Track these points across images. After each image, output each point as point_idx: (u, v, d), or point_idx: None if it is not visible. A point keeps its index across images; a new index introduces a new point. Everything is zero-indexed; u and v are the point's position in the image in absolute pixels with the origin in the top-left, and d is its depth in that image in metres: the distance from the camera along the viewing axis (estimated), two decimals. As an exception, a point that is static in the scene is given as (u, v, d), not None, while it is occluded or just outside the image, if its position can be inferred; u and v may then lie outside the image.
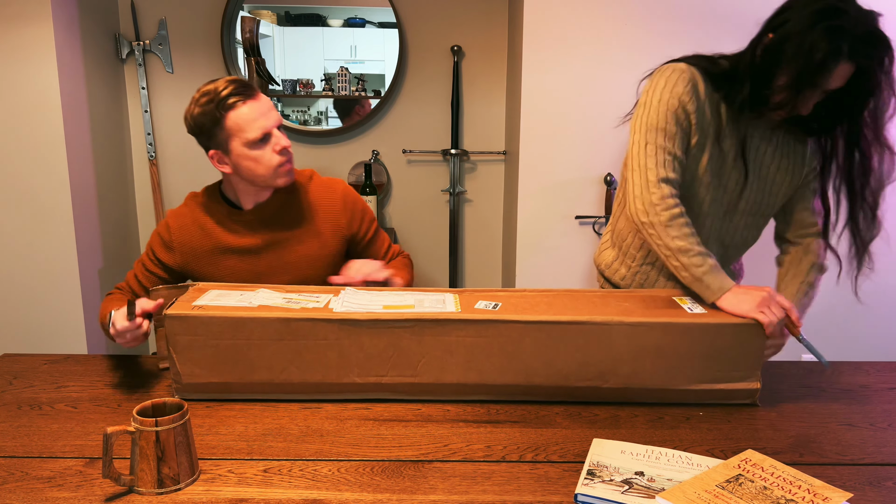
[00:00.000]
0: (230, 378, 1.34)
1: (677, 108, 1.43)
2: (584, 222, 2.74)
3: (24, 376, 1.49)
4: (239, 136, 1.50)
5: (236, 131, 1.50)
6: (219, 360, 1.33)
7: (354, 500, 1.04)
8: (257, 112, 1.51)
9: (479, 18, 3.11)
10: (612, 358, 1.33)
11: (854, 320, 2.83)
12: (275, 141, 1.53)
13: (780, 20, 1.36)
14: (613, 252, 1.73)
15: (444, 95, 3.19)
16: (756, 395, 1.38)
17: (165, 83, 3.13)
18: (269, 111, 1.53)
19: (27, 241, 2.62)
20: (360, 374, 1.34)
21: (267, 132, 1.52)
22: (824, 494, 1.03)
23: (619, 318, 1.32)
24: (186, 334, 1.31)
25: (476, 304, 1.39)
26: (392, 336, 1.32)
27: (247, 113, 1.50)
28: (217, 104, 1.48)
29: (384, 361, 1.34)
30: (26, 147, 2.55)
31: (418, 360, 1.34)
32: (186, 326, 1.31)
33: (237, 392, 1.36)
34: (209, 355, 1.32)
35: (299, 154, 3.23)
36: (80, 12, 2.69)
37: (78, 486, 1.07)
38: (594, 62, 2.61)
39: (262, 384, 1.34)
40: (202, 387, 1.35)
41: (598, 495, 1.03)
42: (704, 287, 1.40)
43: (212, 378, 1.34)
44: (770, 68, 1.36)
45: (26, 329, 2.68)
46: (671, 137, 1.44)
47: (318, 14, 3.19)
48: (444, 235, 3.34)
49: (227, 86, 1.50)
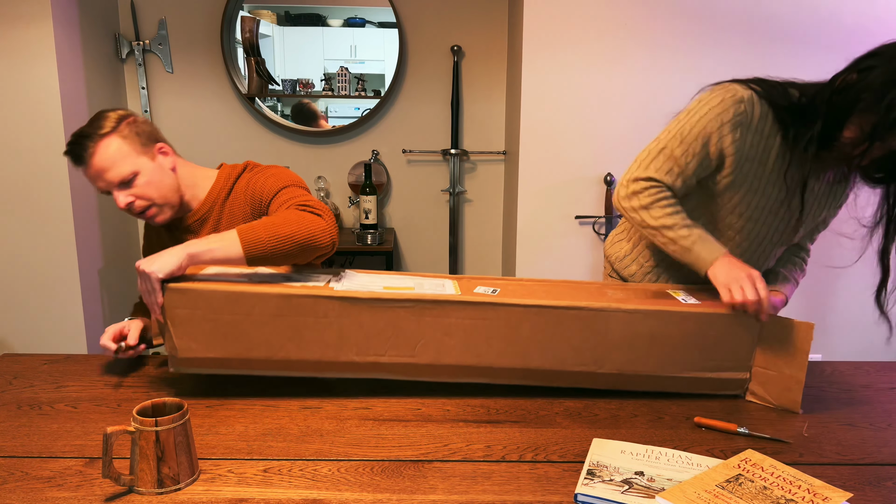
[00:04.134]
0: (227, 354, 1.32)
1: (712, 134, 1.40)
2: (584, 222, 2.74)
3: (24, 376, 1.49)
4: None
5: None
6: (217, 334, 1.31)
7: (354, 500, 1.04)
8: (90, 176, 1.48)
9: (479, 18, 3.11)
10: (607, 344, 1.35)
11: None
12: (117, 200, 1.49)
13: (866, 65, 1.28)
14: (627, 246, 1.72)
15: (444, 95, 3.19)
16: (745, 386, 1.39)
17: (165, 83, 3.13)
18: (101, 175, 1.47)
19: (27, 242, 2.62)
20: (359, 353, 1.34)
21: (105, 191, 1.50)
22: (824, 494, 1.03)
23: (616, 305, 1.34)
24: (185, 308, 1.29)
25: (475, 289, 1.41)
26: (392, 316, 1.33)
27: (85, 175, 1.49)
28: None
29: (383, 341, 1.34)
30: (26, 147, 2.55)
31: (417, 340, 1.34)
32: (186, 300, 1.29)
33: (234, 368, 1.34)
34: (207, 330, 1.31)
35: (300, 154, 3.23)
36: (80, 12, 2.69)
37: (78, 486, 1.07)
38: (594, 62, 2.61)
39: (260, 360, 1.33)
40: (199, 362, 1.33)
41: (598, 495, 1.03)
42: (695, 257, 1.41)
43: (209, 353, 1.32)
44: (845, 111, 1.30)
45: (26, 329, 2.68)
46: (689, 155, 1.43)
47: (318, 14, 3.19)
48: (444, 235, 3.34)
49: (68, 143, 1.48)
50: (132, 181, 1.48)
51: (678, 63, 2.61)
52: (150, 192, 1.50)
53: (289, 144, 3.23)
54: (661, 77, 2.61)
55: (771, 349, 1.35)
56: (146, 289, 1.28)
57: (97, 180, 1.48)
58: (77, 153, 1.46)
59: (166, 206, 1.54)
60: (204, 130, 3.18)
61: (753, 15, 2.57)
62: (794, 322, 1.32)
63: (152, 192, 1.50)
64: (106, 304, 2.91)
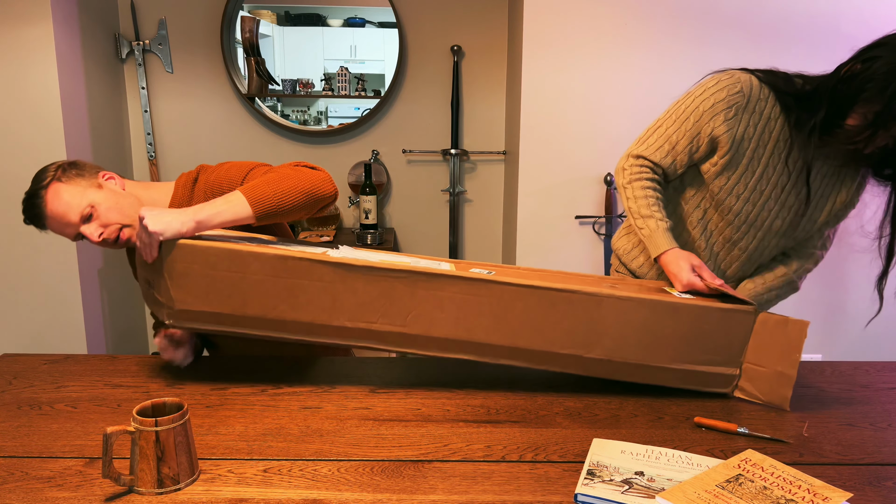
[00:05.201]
0: (222, 309, 1.33)
1: (704, 113, 1.46)
2: (583, 222, 2.74)
3: (24, 376, 1.49)
4: None
5: None
6: (213, 290, 1.32)
7: (354, 500, 1.04)
8: (56, 229, 1.48)
9: (479, 18, 3.11)
10: (598, 329, 1.36)
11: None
12: (90, 237, 1.48)
13: (872, 55, 1.30)
14: (633, 240, 1.74)
15: (444, 95, 3.19)
16: (733, 383, 1.39)
17: (165, 83, 3.13)
18: (62, 221, 1.46)
19: (27, 241, 2.62)
20: (351, 318, 1.35)
21: (76, 235, 1.49)
22: (824, 494, 1.03)
23: (609, 292, 1.35)
24: (183, 261, 1.30)
25: (471, 270, 1.42)
26: (386, 285, 1.33)
27: (51, 230, 1.50)
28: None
29: (375, 310, 1.34)
30: (26, 147, 2.55)
31: (409, 311, 1.35)
32: (184, 254, 1.30)
33: (228, 325, 1.35)
34: (204, 285, 1.31)
35: (300, 154, 3.23)
36: (80, 12, 2.69)
37: (78, 486, 1.07)
38: (594, 62, 2.61)
39: (254, 319, 1.34)
40: (194, 315, 1.33)
41: (598, 495, 1.03)
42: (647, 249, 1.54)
43: (204, 307, 1.33)
44: (849, 99, 1.32)
45: (26, 329, 2.68)
46: (681, 133, 1.50)
47: (318, 14, 3.19)
48: (444, 235, 3.34)
49: (23, 212, 1.48)
50: (92, 215, 1.48)
51: (678, 63, 2.61)
52: (114, 217, 1.48)
53: (289, 144, 3.23)
54: (662, 77, 2.61)
55: (763, 346, 1.35)
56: (145, 241, 1.29)
57: (64, 228, 1.47)
58: (34, 213, 1.46)
59: (135, 223, 1.52)
60: (204, 130, 3.18)
61: (755, 15, 2.57)
62: (788, 319, 1.32)
63: (115, 216, 1.49)
64: (106, 304, 2.91)
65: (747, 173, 1.48)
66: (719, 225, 1.57)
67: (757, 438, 1.25)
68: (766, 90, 1.44)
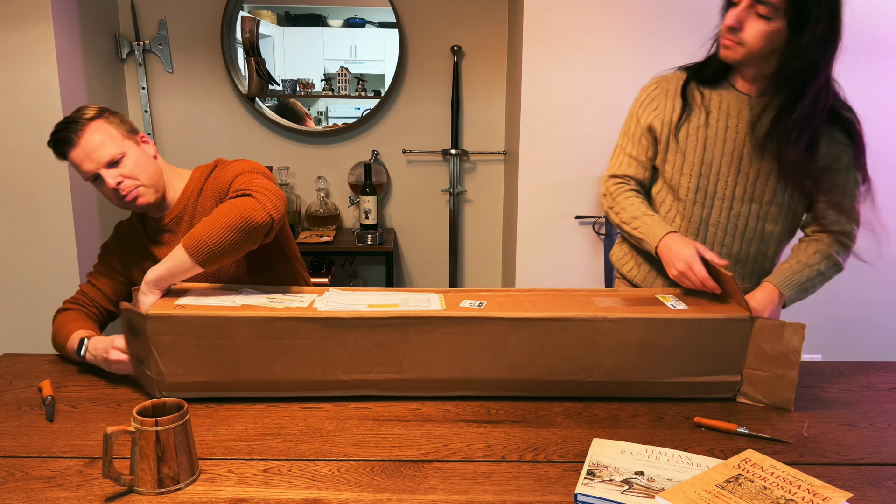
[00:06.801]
0: (214, 377, 1.33)
1: (634, 114, 1.61)
2: (583, 222, 2.74)
3: (24, 376, 1.49)
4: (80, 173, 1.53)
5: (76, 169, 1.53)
6: (202, 359, 1.32)
7: (354, 500, 1.04)
8: (79, 158, 1.49)
9: (479, 18, 3.11)
10: (595, 353, 1.35)
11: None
12: (107, 180, 1.50)
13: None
14: (626, 246, 1.75)
15: (444, 95, 3.18)
16: (736, 389, 1.39)
17: (165, 83, 3.13)
18: (90, 154, 1.48)
19: (27, 241, 2.62)
20: (346, 371, 1.34)
21: (93, 174, 1.51)
22: (824, 494, 1.03)
23: (603, 315, 1.34)
24: (169, 334, 1.30)
25: (461, 303, 1.40)
26: (377, 335, 1.32)
27: (73, 158, 1.51)
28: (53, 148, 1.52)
29: (369, 360, 1.34)
30: (26, 147, 2.55)
31: (403, 357, 1.34)
32: (169, 326, 1.30)
33: (222, 390, 1.35)
34: (192, 355, 1.31)
35: (300, 154, 3.23)
36: (80, 12, 2.69)
37: (78, 486, 1.07)
38: (594, 62, 2.61)
39: (248, 382, 1.34)
40: (186, 385, 1.34)
41: (597, 495, 1.03)
42: (647, 246, 1.54)
43: (195, 377, 1.33)
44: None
45: (26, 329, 2.68)
46: (631, 140, 1.62)
47: (318, 14, 3.19)
48: (444, 235, 3.34)
49: (52, 133, 1.50)
50: (119, 162, 1.51)
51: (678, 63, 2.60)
52: (138, 173, 1.53)
53: (289, 144, 3.23)
54: (661, 77, 2.61)
55: (762, 351, 1.35)
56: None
57: (85, 162, 1.49)
58: (66, 136, 1.48)
59: (153, 188, 1.56)
60: (204, 130, 3.18)
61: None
62: (785, 323, 1.32)
63: (140, 174, 1.53)
64: (106, 304, 2.91)
65: (689, 150, 1.53)
66: (682, 211, 1.58)
67: (757, 438, 1.25)
68: (682, 74, 1.57)
